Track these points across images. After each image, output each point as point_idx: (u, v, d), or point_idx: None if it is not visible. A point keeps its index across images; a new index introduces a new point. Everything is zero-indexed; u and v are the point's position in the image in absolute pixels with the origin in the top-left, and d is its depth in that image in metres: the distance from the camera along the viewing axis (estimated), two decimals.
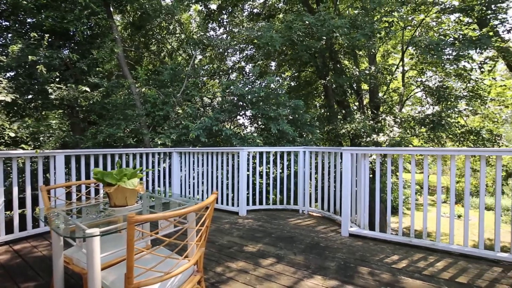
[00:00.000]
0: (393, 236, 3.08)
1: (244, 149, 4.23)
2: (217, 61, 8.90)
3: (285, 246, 3.05)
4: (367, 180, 3.22)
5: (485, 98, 8.87)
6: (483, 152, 2.68)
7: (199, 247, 1.72)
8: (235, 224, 3.88)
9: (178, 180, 5.15)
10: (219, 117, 5.36)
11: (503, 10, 7.71)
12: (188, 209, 1.41)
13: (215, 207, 4.62)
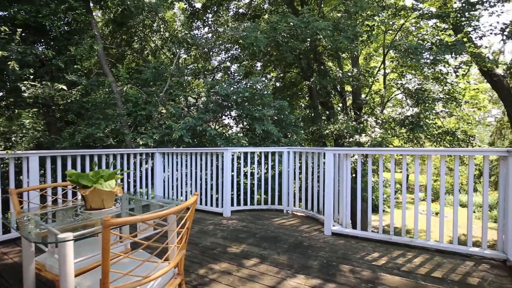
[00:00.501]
0: (374, 234, 3.16)
1: (229, 149, 4.20)
2: (202, 61, 8.80)
3: (269, 246, 3.06)
4: (349, 180, 3.29)
5: (460, 100, 9.32)
6: (456, 152, 2.81)
7: (180, 250, 1.68)
8: (219, 225, 3.85)
9: (161, 181, 5.04)
10: (204, 117, 5.30)
11: (476, 17, 8.13)
12: (167, 211, 1.38)
13: (199, 208, 4.58)
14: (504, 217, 2.56)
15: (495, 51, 12.58)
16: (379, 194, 3.23)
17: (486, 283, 2.24)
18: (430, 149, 2.92)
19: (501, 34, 7.49)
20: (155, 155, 5.02)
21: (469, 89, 10.22)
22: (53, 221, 1.93)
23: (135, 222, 1.30)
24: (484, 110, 11.87)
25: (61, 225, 1.69)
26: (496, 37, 20.20)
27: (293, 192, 4.39)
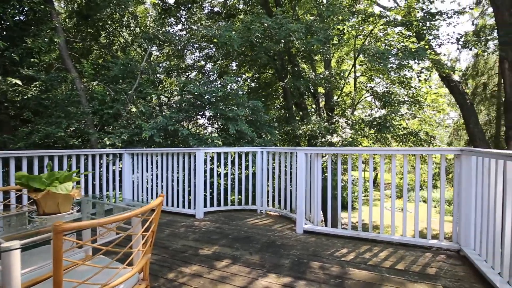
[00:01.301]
0: (344, 230, 3.26)
1: (201, 149, 4.12)
2: (175, 59, 8.55)
3: (241, 247, 3.03)
4: (320, 179, 3.37)
5: (422, 103, 10.00)
6: (418, 151, 3.00)
7: (145, 254, 1.60)
8: (191, 227, 3.75)
9: (130, 183, 4.81)
10: (176, 116, 5.13)
11: (435, 27, 8.77)
12: (127, 214, 1.30)
13: (170, 210, 4.43)
14: (458, 211, 2.77)
15: (452, 58, 13.68)
16: (348, 192, 3.35)
17: (442, 272, 2.40)
18: (394, 149, 3.08)
19: (457, 43, 8.14)
20: (123, 155, 4.78)
21: (430, 93, 10.99)
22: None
23: (92, 226, 1.21)
24: (443, 113, 12.83)
25: (8, 233, 1.53)
26: (453, 46, 22.23)
27: (266, 192, 4.41)
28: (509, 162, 1.97)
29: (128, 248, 1.38)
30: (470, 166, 2.60)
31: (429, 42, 8.57)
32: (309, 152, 3.44)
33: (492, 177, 2.25)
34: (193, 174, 4.24)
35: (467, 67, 14.23)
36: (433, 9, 8.36)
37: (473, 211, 2.61)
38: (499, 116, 11.05)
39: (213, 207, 4.48)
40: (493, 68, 12.54)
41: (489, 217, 2.33)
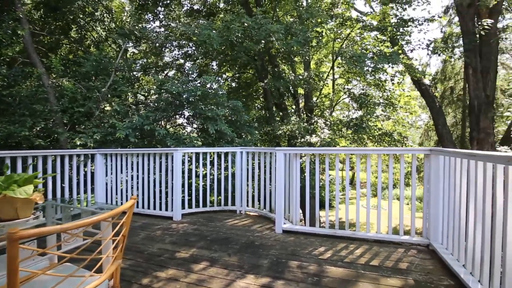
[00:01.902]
0: (321, 229, 3.31)
1: (179, 150, 4.01)
2: (152, 56, 8.29)
3: (220, 248, 2.99)
4: (298, 179, 3.40)
5: (396, 105, 10.47)
6: (391, 151, 3.12)
7: (115, 259, 1.52)
8: (168, 230, 3.64)
9: (103, 185, 4.59)
10: (153, 116, 4.95)
11: (408, 33, 9.23)
12: (94, 218, 1.22)
13: (146, 213, 4.28)
14: (428, 208, 2.92)
15: (423, 63, 14.45)
16: (326, 191, 3.41)
17: (413, 266, 2.51)
18: (369, 149, 3.18)
19: (427, 49, 8.61)
20: (95, 156, 4.54)
21: (403, 95, 11.55)
22: None
23: (53, 232, 1.13)
24: (415, 115, 13.54)
25: None
26: (424, 52, 23.62)
27: (246, 192, 4.38)
28: (472, 161, 2.10)
29: (96, 254, 1.30)
30: (438, 165, 2.74)
31: (402, 47, 8.98)
32: (288, 152, 3.46)
33: (457, 175, 2.38)
34: (171, 175, 4.12)
35: (436, 72, 15.11)
36: (406, 16, 8.78)
37: (441, 207, 2.76)
38: (464, 118, 11.83)
39: (192, 208, 4.38)
40: (459, 73, 13.41)
41: (455, 213, 2.47)
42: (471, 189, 2.16)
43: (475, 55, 7.83)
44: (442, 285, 2.19)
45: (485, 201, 1.98)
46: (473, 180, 2.14)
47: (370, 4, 9.67)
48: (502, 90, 11.41)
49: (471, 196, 2.18)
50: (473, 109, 8.00)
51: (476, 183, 2.09)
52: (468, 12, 7.91)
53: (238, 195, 4.42)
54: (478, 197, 2.08)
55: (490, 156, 1.84)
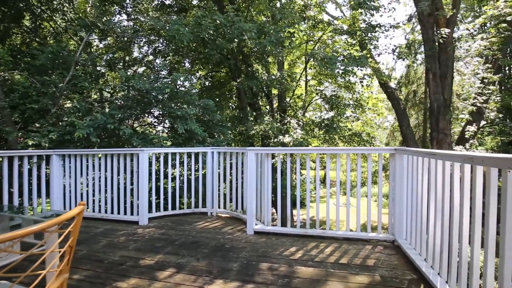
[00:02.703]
0: (293, 229, 3.30)
1: (145, 150, 3.79)
2: (119, 51, 7.82)
3: (188, 253, 2.85)
4: (270, 179, 3.37)
5: (364, 107, 10.95)
6: (359, 151, 3.19)
7: (60, 274, 1.34)
8: (133, 235, 3.41)
9: (61, 190, 4.21)
10: (118, 114, 4.62)
11: (376, 38, 9.69)
12: (31, 229, 1.05)
13: (109, 218, 3.99)
14: (393, 204, 3.03)
15: (389, 68, 15.28)
16: (297, 191, 3.41)
17: (380, 262, 2.57)
18: (339, 148, 3.23)
19: (393, 54, 9.09)
20: (51, 158, 4.15)
21: (371, 98, 12.11)
22: None
23: None
24: (382, 116, 14.28)
25: None
26: (390, 57, 25.38)
27: (217, 193, 4.26)
28: (432, 160, 2.19)
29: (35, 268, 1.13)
30: (403, 164, 2.84)
31: (370, 51, 9.39)
32: (259, 152, 3.41)
33: (419, 173, 2.49)
34: (136, 177, 3.87)
35: (401, 76, 16.07)
36: (374, 21, 9.21)
37: (405, 204, 2.87)
38: (426, 119, 12.70)
39: (160, 212, 4.16)
40: (421, 78, 14.37)
41: (417, 210, 2.57)
42: (432, 187, 2.25)
43: (434, 61, 8.41)
44: (406, 280, 2.26)
45: (444, 198, 2.08)
46: (433, 177, 2.23)
47: (341, 9, 10.01)
48: (458, 95, 12.42)
49: (431, 193, 2.28)
50: (433, 111, 8.58)
51: (436, 181, 2.19)
52: (429, 21, 8.47)
53: (209, 196, 4.28)
54: (438, 194, 2.17)
55: (448, 155, 1.92)
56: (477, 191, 1.66)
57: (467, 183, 1.81)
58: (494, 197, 1.55)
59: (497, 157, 1.39)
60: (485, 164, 1.51)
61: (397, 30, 9.76)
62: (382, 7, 8.69)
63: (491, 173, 1.52)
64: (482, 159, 1.50)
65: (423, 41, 9.01)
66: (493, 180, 1.53)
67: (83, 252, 2.94)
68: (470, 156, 1.62)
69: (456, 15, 8.85)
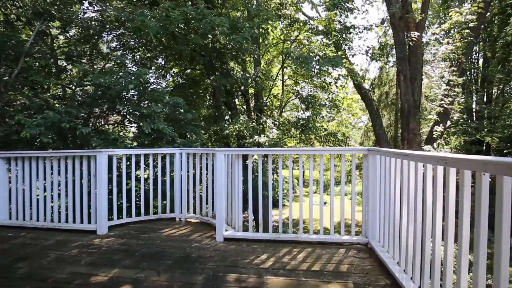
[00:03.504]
0: (265, 234, 3.12)
1: (103, 152, 3.42)
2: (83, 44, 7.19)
3: (148, 266, 2.57)
4: (241, 181, 3.17)
5: (340, 107, 11.10)
6: (332, 151, 3.09)
7: None
8: (88, 247, 3.05)
9: (5, 196, 3.71)
10: (74, 112, 4.15)
11: (350, 39, 9.84)
12: None
13: (62, 228, 3.57)
14: (366, 206, 2.95)
15: (363, 69, 15.71)
16: (269, 194, 3.24)
17: (353, 268, 2.47)
18: (312, 149, 3.10)
19: (366, 55, 9.28)
20: None
21: (346, 98, 12.33)
22: None
23: None
24: (356, 116, 14.63)
25: None
26: (364, 59, 26.29)
27: (186, 197, 3.99)
28: (405, 160, 2.11)
29: None
30: (376, 164, 2.77)
31: (345, 52, 9.52)
32: (229, 153, 3.20)
33: (392, 174, 2.41)
34: (94, 182, 3.49)
35: (374, 78, 16.60)
36: (348, 23, 9.34)
37: (378, 206, 2.79)
38: (397, 120, 13.18)
39: (122, 219, 3.81)
40: (392, 80, 14.92)
41: (390, 211, 2.50)
42: (404, 188, 2.18)
43: (405, 63, 8.69)
44: (379, 286, 2.17)
45: (417, 199, 2.00)
46: (406, 179, 2.16)
47: (317, 9, 10.06)
48: (426, 96, 13.02)
49: (404, 195, 2.20)
50: (404, 112, 8.87)
51: (409, 182, 2.11)
52: (400, 24, 8.74)
53: (178, 201, 4.00)
54: (411, 196, 2.10)
55: (421, 156, 1.84)
56: (450, 194, 1.58)
57: (439, 184, 1.73)
58: (468, 200, 1.47)
59: (473, 159, 1.30)
60: (459, 166, 1.41)
61: (371, 33, 10.00)
62: (356, 8, 8.83)
63: (465, 175, 1.44)
64: (457, 161, 1.41)
65: (394, 43, 9.29)
66: (467, 182, 1.44)
67: (25, 269, 2.56)
68: (444, 158, 1.52)
69: (424, 20, 9.22)
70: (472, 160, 1.30)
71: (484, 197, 1.30)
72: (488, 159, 1.19)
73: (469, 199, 1.45)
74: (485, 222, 1.33)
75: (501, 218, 1.18)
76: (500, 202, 1.19)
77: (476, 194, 1.32)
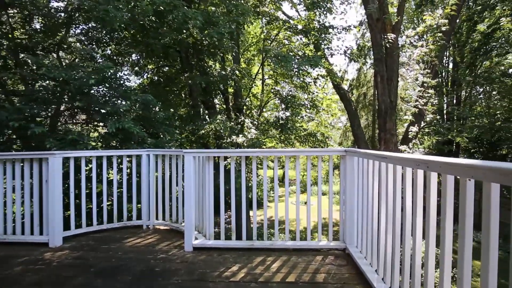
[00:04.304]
0: (238, 242, 2.91)
1: (57, 154, 3.04)
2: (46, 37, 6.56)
3: (104, 284, 2.26)
4: (212, 185, 2.92)
5: (319, 108, 11.12)
6: (308, 153, 2.93)
7: None
8: (36, 263, 2.67)
9: None
10: (26, 109, 3.69)
11: (329, 40, 9.87)
12: None
13: (9, 240, 3.14)
14: (344, 209, 2.82)
15: (342, 70, 15.94)
16: (243, 197, 3.03)
17: (330, 277, 2.31)
18: (287, 150, 2.92)
19: (345, 55, 9.34)
20: None
21: (326, 98, 12.40)
22: None
23: None
24: (335, 117, 14.81)
25: None
26: (343, 61, 26.86)
27: (154, 202, 3.68)
28: (383, 163, 1.98)
29: None
30: (353, 166, 2.64)
31: (324, 51, 9.53)
32: (198, 155, 2.94)
33: (370, 176, 2.28)
34: (46, 188, 3.10)
35: (352, 79, 16.91)
36: (327, 23, 9.36)
37: (355, 209, 2.67)
38: (374, 120, 13.47)
39: (81, 228, 3.42)
40: (370, 81, 15.26)
41: (368, 216, 2.37)
42: (383, 191, 2.05)
43: (382, 65, 8.82)
44: None
45: (396, 204, 1.88)
46: (384, 182, 2.03)
47: (296, 8, 10.00)
48: (401, 98, 13.41)
49: (382, 198, 2.08)
50: (381, 113, 9.00)
51: (387, 186, 1.98)
52: (377, 26, 8.86)
53: (145, 206, 3.67)
54: (389, 200, 1.97)
55: (401, 159, 1.70)
56: (431, 200, 1.45)
57: (419, 189, 1.60)
58: (451, 208, 1.33)
59: (458, 163, 1.16)
60: (442, 170, 1.27)
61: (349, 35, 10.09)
62: (334, 5, 8.87)
63: (448, 180, 1.30)
64: (440, 165, 1.26)
65: (372, 45, 9.42)
66: (449, 189, 1.31)
67: None
68: (425, 161, 1.39)
69: (400, 23, 9.43)
70: (457, 165, 1.16)
71: (469, 206, 1.16)
72: (475, 164, 1.05)
73: (451, 207, 1.32)
74: (469, 233, 1.20)
75: (488, 228, 1.05)
76: (487, 210, 1.05)
77: (460, 202, 1.18)
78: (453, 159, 1.21)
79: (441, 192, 1.31)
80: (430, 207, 1.46)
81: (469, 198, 1.15)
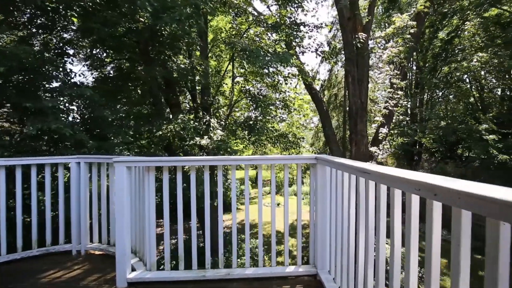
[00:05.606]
0: (186, 272, 2.34)
1: None
2: None
3: None
4: (154, 202, 2.32)
5: (291, 108, 10.81)
6: (273, 161, 2.45)
7: None
8: None
9: None
10: None
11: (300, 37, 9.57)
12: None
13: None
14: (315, 229, 2.38)
15: (314, 70, 15.89)
16: (193, 215, 2.47)
17: None
18: (244, 158, 2.42)
19: (316, 53, 9.11)
20: None
21: (297, 98, 12.15)
22: None
23: None
24: (307, 117, 14.68)
25: None
26: (315, 61, 27.22)
27: (87, 222, 2.97)
28: (362, 178, 1.54)
29: None
30: (325, 177, 2.20)
31: (295, 49, 9.23)
32: (134, 165, 2.32)
33: (346, 192, 1.85)
34: None
35: (324, 80, 16.96)
36: (299, 20, 9.04)
37: (328, 229, 2.24)
38: (345, 121, 13.52)
39: None
40: (341, 82, 15.35)
41: (343, 236, 1.94)
42: (362, 210, 1.63)
43: (353, 65, 8.70)
44: None
45: (379, 228, 1.45)
46: (363, 200, 1.61)
47: (267, 2, 9.59)
48: (371, 99, 13.63)
49: (361, 219, 1.65)
50: (352, 114, 8.89)
51: (367, 206, 1.56)
52: (348, 25, 8.73)
53: (75, 227, 2.95)
54: (370, 222, 1.56)
55: (388, 177, 1.26)
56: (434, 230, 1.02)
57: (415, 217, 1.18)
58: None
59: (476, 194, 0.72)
60: (459, 204, 0.83)
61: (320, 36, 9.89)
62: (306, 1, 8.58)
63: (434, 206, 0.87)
64: (459, 195, 0.82)
65: (343, 44, 9.29)
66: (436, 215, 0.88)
67: None
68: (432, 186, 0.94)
69: (371, 24, 9.41)
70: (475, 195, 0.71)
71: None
72: None
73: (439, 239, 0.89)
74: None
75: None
76: None
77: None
78: (462, 184, 0.78)
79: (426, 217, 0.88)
80: (411, 228, 1.04)
81: None
